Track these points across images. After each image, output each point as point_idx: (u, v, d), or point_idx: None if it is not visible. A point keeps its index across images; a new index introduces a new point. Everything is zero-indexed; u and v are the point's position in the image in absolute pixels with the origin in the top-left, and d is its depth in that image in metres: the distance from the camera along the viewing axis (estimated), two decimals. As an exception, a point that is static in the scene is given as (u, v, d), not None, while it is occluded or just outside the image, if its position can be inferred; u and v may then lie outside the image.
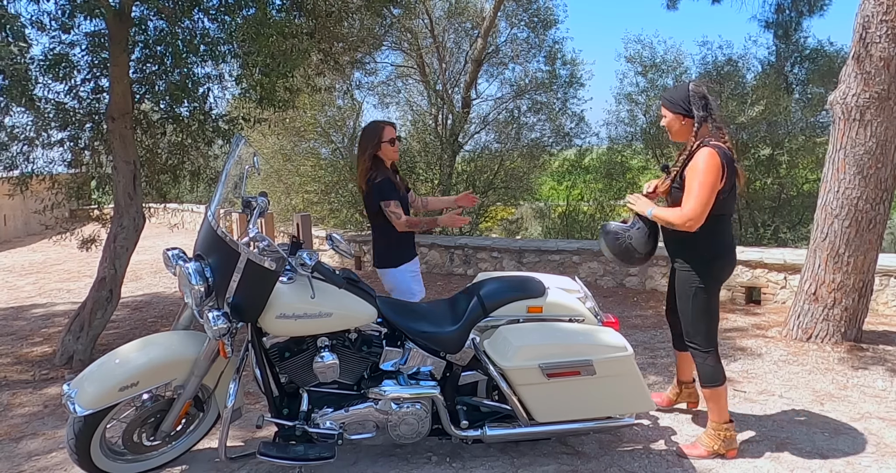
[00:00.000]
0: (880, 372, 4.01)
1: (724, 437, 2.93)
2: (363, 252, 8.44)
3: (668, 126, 2.91)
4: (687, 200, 2.72)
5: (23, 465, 3.06)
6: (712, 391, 2.93)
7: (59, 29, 4.44)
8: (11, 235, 13.92)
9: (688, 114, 2.81)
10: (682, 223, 2.73)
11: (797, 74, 11.22)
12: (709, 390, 2.93)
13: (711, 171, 2.68)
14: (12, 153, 4.94)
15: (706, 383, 2.93)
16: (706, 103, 2.79)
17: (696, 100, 2.78)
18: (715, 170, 2.69)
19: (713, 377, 2.92)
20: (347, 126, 10.18)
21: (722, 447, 2.92)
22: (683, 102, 2.80)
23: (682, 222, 2.73)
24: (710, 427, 2.96)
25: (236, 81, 5.28)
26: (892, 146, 4.34)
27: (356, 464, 2.94)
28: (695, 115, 2.78)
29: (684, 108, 2.81)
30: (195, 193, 14.22)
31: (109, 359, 2.74)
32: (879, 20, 4.18)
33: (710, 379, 2.92)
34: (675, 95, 2.85)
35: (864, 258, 4.47)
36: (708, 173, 2.68)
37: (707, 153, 2.71)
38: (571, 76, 10.87)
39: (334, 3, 5.52)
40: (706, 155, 2.71)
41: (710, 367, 2.91)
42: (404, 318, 2.85)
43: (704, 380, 2.94)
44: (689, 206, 2.71)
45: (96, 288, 4.60)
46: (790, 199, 10.41)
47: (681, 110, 2.82)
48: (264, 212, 2.91)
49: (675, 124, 2.87)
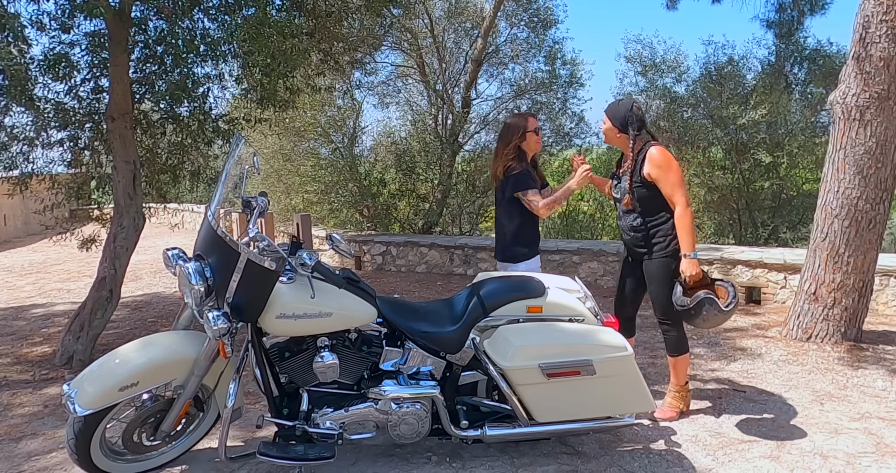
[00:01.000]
0: (880, 372, 4.01)
1: (684, 397, 3.41)
2: (363, 252, 8.44)
3: (605, 132, 3.35)
4: (675, 194, 3.12)
5: (23, 465, 3.06)
6: (679, 358, 3.36)
7: (58, 29, 4.44)
8: (11, 235, 13.91)
9: (623, 130, 3.24)
10: (689, 214, 3.12)
11: (797, 74, 11.20)
12: (676, 358, 3.37)
13: (673, 162, 3.15)
14: (12, 153, 4.94)
15: (675, 352, 3.35)
16: (641, 124, 3.22)
17: (633, 120, 3.21)
18: (674, 160, 3.16)
19: (681, 346, 3.35)
20: (347, 126, 10.18)
21: (684, 406, 3.40)
22: (622, 119, 3.23)
23: (687, 213, 3.12)
24: (674, 390, 3.40)
25: (237, 81, 5.29)
26: (892, 146, 4.34)
27: (356, 464, 2.94)
28: (630, 132, 3.22)
29: (621, 124, 3.24)
30: (195, 193, 14.21)
31: (109, 359, 2.74)
32: (879, 20, 4.18)
33: (678, 349, 3.35)
34: (617, 111, 3.26)
35: (864, 258, 4.47)
36: (672, 165, 3.14)
37: (660, 150, 3.15)
38: (571, 76, 10.86)
39: (334, 3, 5.52)
40: (661, 152, 3.15)
41: (679, 338, 3.34)
42: (404, 318, 2.85)
43: (674, 350, 3.35)
44: (679, 198, 3.12)
45: (96, 288, 4.60)
46: (790, 199, 10.40)
47: (618, 125, 3.25)
48: (264, 212, 2.91)
49: (611, 134, 3.31)
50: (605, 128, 3.33)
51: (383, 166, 11.02)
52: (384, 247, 8.26)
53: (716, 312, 3.08)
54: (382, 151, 11.02)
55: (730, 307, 3.08)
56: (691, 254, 3.11)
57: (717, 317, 3.12)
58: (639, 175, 3.20)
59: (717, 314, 3.09)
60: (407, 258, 8.09)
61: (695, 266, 3.12)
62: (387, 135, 11.00)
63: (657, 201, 3.19)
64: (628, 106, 3.23)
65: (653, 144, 3.19)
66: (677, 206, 3.13)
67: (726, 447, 3.06)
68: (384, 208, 10.44)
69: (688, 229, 3.12)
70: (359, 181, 10.07)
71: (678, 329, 3.33)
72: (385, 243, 8.26)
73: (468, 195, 11.04)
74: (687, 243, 3.12)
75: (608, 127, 3.30)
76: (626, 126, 3.21)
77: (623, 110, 3.23)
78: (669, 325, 3.33)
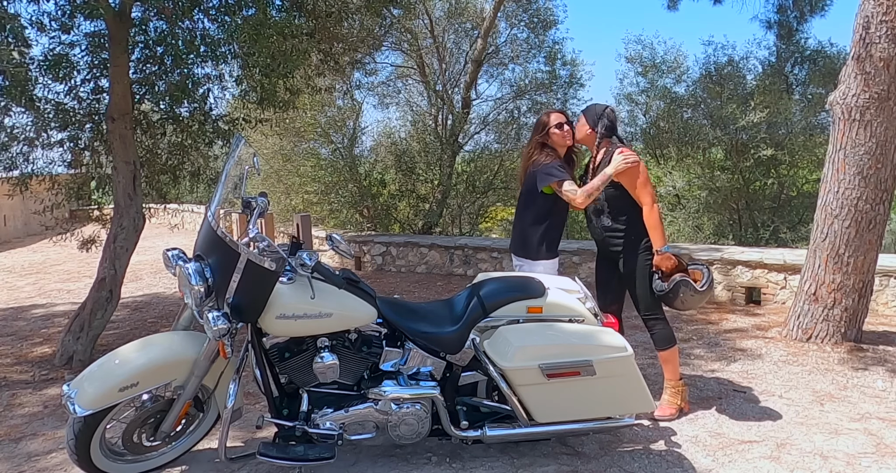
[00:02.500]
0: (880, 373, 4.01)
1: (681, 392, 3.41)
2: (363, 253, 8.44)
3: (577, 130, 3.46)
4: (642, 193, 3.25)
5: (23, 466, 3.06)
6: (669, 352, 3.41)
7: (59, 29, 4.44)
8: (11, 235, 13.92)
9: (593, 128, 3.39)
10: (656, 211, 3.25)
11: (797, 75, 11.21)
12: (666, 351, 3.41)
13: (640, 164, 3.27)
14: (12, 154, 4.93)
15: (665, 345, 3.40)
16: (611, 128, 3.39)
17: (604, 122, 3.37)
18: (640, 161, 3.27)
19: (669, 339, 3.41)
20: (347, 126, 10.19)
21: (682, 402, 3.41)
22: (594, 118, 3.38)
23: (654, 210, 3.24)
24: (670, 386, 3.41)
25: (237, 81, 5.29)
26: (892, 147, 4.34)
27: (356, 465, 2.93)
28: (598, 131, 3.38)
29: (592, 122, 3.39)
30: (195, 193, 14.21)
31: (109, 359, 2.74)
32: (879, 20, 4.18)
33: (667, 342, 3.41)
34: (593, 111, 3.42)
35: (864, 259, 4.47)
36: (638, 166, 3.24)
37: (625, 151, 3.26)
38: (571, 77, 10.88)
39: (334, 4, 5.52)
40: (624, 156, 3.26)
41: (666, 331, 3.41)
42: (404, 318, 2.85)
43: (663, 344, 3.41)
44: (646, 197, 3.24)
45: (96, 289, 4.60)
46: (790, 199, 10.40)
47: (590, 122, 3.40)
48: (264, 212, 2.91)
49: (582, 130, 3.43)
50: (578, 125, 3.47)
51: (383, 167, 11.03)
52: (384, 247, 8.26)
53: (692, 293, 3.19)
54: (382, 152, 11.03)
55: (704, 287, 3.20)
56: (662, 249, 3.23)
57: (694, 298, 3.22)
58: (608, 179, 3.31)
59: (693, 294, 3.20)
60: (407, 259, 8.09)
61: (667, 260, 3.24)
62: (387, 135, 11.01)
63: (625, 200, 3.31)
64: (602, 108, 3.41)
65: (621, 148, 3.31)
66: (644, 205, 3.25)
67: (726, 447, 3.06)
68: (384, 209, 10.45)
69: (656, 226, 3.23)
70: (359, 182, 10.08)
71: (663, 322, 3.42)
72: (385, 243, 8.26)
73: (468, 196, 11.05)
74: (657, 239, 3.24)
75: (581, 124, 3.44)
76: (596, 125, 3.37)
77: (598, 111, 3.40)
78: (655, 319, 3.41)
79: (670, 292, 3.22)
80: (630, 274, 3.37)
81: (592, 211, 3.45)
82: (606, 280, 3.57)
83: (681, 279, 3.20)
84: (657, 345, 3.45)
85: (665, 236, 3.28)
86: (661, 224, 3.26)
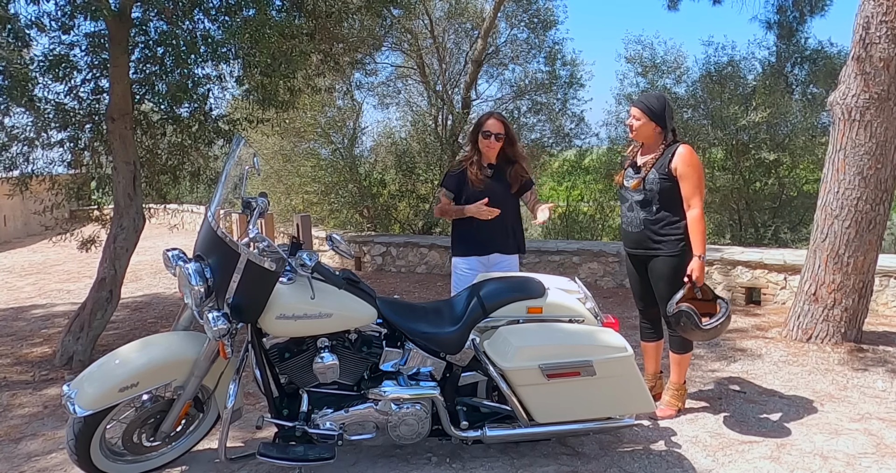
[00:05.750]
0: (880, 373, 4.01)
1: (682, 395, 3.47)
2: (363, 253, 8.44)
3: (640, 129, 3.29)
4: (695, 194, 3.18)
5: (23, 466, 3.06)
6: (683, 356, 3.43)
7: (59, 30, 4.44)
8: (11, 235, 13.91)
9: (660, 124, 3.25)
10: (702, 217, 3.18)
11: (798, 75, 11.20)
12: (681, 355, 3.42)
13: (700, 165, 3.22)
14: (12, 154, 4.93)
15: (682, 350, 3.41)
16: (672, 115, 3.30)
17: (670, 115, 3.27)
18: (701, 164, 3.23)
19: (688, 344, 3.41)
20: (347, 127, 10.18)
21: (682, 404, 3.46)
22: (660, 114, 3.24)
23: (702, 215, 3.18)
24: (673, 388, 3.44)
25: (237, 81, 5.29)
26: (892, 147, 4.34)
27: (356, 465, 2.93)
28: (667, 126, 3.26)
29: (659, 118, 3.24)
30: (195, 193, 14.21)
31: (109, 360, 2.74)
32: (879, 21, 4.18)
33: (684, 347, 3.41)
34: (655, 106, 3.25)
35: (864, 259, 4.47)
36: (699, 167, 3.21)
37: (690, 150, 3.21)
38: (571, 77, 10.86)
39: (334, 4, 5.52)
40: (691, 152, 3.21)
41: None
42: (404, 318, 2.85)
43: (680, 348, 3.40)
44: (697, 200, 3.18)
45: (96, 289, 4.60)
46: (790, 199, 10.39)
47: (656, 119, 3.24)
48: (264, 213, 2.91)
49: (647, 129, 3.27)
50: (641, 123, 3.27)
51: (383, 167, 11.02)
52: (384, 248, 8.26)
53: (692, 327, 3.11)
54: (382, 152, 11.02)
55: (710, 325, 3.11)
56: (703, 256, 3.17)
57: (695, 332, 3.13)
58: (666, 167, 3.22)
59: (693, 328, 3.11)
60: (407, 259, 8.09)
61: (702, 268, 3.17)
62: (387, 136, 11.00)
63: (674, 197, 3.22)
64: (664, 101, 3.27)
65: (682, 143, 3.24)
66: (694, 207, 3.17)
67: (726, 447, 3.06)
68: (384, 209, 10.44)
69: (703, 231, 3.18)
70: (359, 182, 10.07)
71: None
72: (385, 243, 8.26)
73: (468, 196, 11.01)
74: (700, 244, 3.17)
75: (644, 122, 3.26)
76: (664, 120, 3.24)
77: (661, 104, 3.24)
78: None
79: (672, 317, 3.15)
80: (661, 275, 3.28)
81: (636, 201, 3.30)
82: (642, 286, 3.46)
83: (684, 309, 3.10)
84: (674, 347, 3.40)
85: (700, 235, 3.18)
86: (705, 230, 3.20)
